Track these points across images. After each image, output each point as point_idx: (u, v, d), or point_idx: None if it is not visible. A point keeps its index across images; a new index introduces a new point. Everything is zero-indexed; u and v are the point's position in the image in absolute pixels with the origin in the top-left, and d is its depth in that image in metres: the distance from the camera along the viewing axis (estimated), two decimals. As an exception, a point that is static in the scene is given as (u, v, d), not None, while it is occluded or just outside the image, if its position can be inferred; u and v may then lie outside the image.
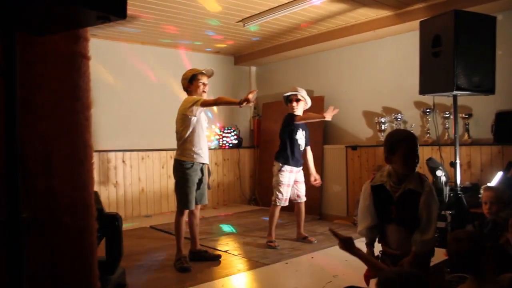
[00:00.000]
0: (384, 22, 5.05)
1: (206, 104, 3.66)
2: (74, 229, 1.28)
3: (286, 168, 4.34)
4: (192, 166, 3.68)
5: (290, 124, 4.38)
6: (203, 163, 3.76)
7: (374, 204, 2.43)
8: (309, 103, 4.50)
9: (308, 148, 4.58)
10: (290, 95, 4.45)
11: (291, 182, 4.38)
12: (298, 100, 4.42)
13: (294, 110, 4.41)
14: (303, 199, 4.50)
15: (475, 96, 3.87)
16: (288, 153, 4.38)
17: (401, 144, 2.33)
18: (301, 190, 4.49)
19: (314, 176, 4.58)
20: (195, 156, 3.68)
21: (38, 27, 1.09)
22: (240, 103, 3.61)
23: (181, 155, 3.72)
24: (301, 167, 4.50)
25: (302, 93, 4.44)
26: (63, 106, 1.33)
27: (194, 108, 3.62)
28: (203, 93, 3.78)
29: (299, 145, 4.41)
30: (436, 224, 2.26)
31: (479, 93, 3.67)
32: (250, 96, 3.59)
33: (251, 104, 3.62)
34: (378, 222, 2.42)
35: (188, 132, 3.68)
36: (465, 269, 1.92)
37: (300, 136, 4.43)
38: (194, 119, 3.66)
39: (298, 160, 4.41)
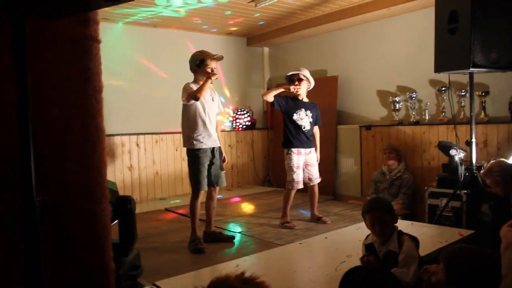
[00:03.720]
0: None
1: (192, 95, 3.63)
2: (88, 212, 1.29)
3: (293, 150, 4.32)
4: (199, 149, 3.69)
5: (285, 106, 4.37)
6: (209, 148, 3.77)
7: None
8: (312, 83, 4.44)
9: (316, 127, 4.53)
10: (292, 75, 4.40)
11: (301, 164, 4.35)
12: (300, 80, 4.36)
13: (297, 90, 4.37)
14: (316, 181, 4.48)
15: (492, 73, 3.79)
16: (288, 136, 4.35)
17: (365, 216, 2.50)
18: (313, 173, 4.45)
19: (317, 154, 4.53)
20: (195, 142, 3.69)
21: (46, 11, 1.09)
22: (210, 78, 3.66)
23: (185, 143, 3.79)
24: (312, 149, 4.45)
25: (304, 72, 4.37)
26: (74, 90, 1.33)
27: (184, 96, 3.66)
28: (214, 78, 3.74)
29: (300, 126, 4.34)
30: (414, 279, 2.26)
31: (497, 70, 3.59)
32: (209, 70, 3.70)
33: (217, 76, 3.67)
34: None
35: (185, 119, 3.74)
36: None
37: (302, 117, 4.36)
38: (189, 105, 3.68)
39: (303, 141, 4.36)
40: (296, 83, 4.36)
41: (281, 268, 3.12)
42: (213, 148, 3.80)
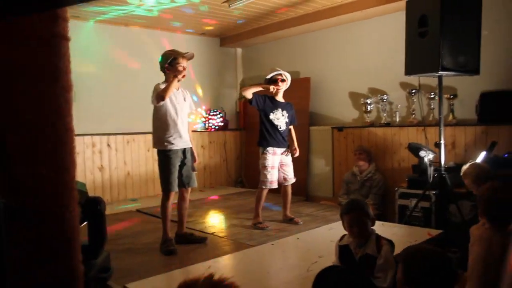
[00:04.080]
0: (371, 2, 5.01)
1: (158, 96, 3.59)
2: (56, 214, 1.26)
3: (268, 150, 4.32)
4: (170, 150, 3.66)
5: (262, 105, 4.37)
6: (180, 149, 3.73)
7: (340, 262, 2.54)
8: (289, 84, 4.46)
9: (291, 127, 4.52)
10: (276, 75, 4.41)
11: (276, 164, 4.36)
12: (283, 80, 4.38)
13: (278, 90, 4.38)
14: (291, 181, 4.48)
15: (460, 76, 3.89)
16: (265, 135, 4.35)
17: (344, 218, 2.51)
18: (288, 173, 4.47)
19: (295, 147, 4.50)
20: (165, 143, 3.65)
21: (13, 8, 1.05)
22: (176, 76, 3.63)
23: (155, 144, 3.75)
24: (287, 149, 4.47)
25: (286, 74, 4.39)
26: (44, 90, 1.30)
27: (153, 97, 3.62)
28: (182, 77, 3.70)
29: (277, 125, 4.34)
30: (390, 285, 2.32)
31: (464, 74, 3.69)
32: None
33: (184, 74, 3.65)
34: None
35: (156, 120, 3.70)
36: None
37: (278, 116, 4.36)
38: (160, 106, 3.63)
39: (279, 141, 4.36)
40: (280, 83, 4.37)
41: (253, 269, 3.12)
42: (184, 149, 3.76)
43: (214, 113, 6.98)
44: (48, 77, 1.28)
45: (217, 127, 6.97)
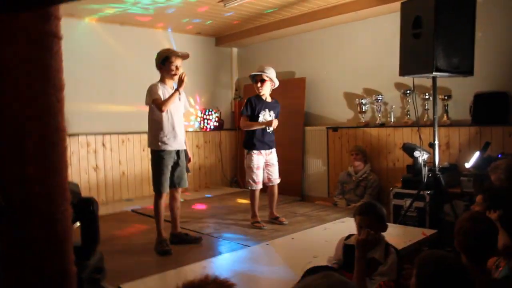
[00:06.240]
0: (366, 3, 5.02)
1: (157, 107, 3.59)
2: (48, 215, 1.25)
3: (253, 151, 4.31)
4: (164, 151, 3.65)
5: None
6: (174, 150, 3.72)
7: (344, 260, 2.54)
8: (276, 83, 4.39)
9: None
10: (255, 75, 4.37)
11: (261, 164, 4.34)
12: (263, 81, 4.32)
13: (260, 90, 4.34)
14: (276, 182, 4.45)
15: (454, 77, 3.90)
16: (252, 137, 4.30)
17: (355, 218, 2.50)
18: (273, 173, 4.43)
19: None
20: (159, 143, 3.65)
21: (3, 5, 1.05)
22: (178, 89, 3.62)
23: (150, 143, 3.74)
24: (272, 149, 4.42)
25: (268, 73, 4.31)
26: (35, 89, 1.28)
27: (148, 101, 3.63)
28: (174, 76, 3.69)
29: (265, 127, 4.31)
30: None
31: (458, 75, 3.70)
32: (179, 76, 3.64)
33: (185, 74, 3.63)
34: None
35: (151, 120, 3.69)
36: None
37: (266, 117, 4.32)
38: (154, 107, 3.63)
39: (264, 143, 4.32)
40: (259, 84, 4.33)
41: (248, 270, 3.11)
42: (178, 150, 3.75)
43: (209, 113, 6.97)
44: (40, 76, 1.27)
45: (212, 127, 6.96)
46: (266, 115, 4.33)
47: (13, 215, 1.18)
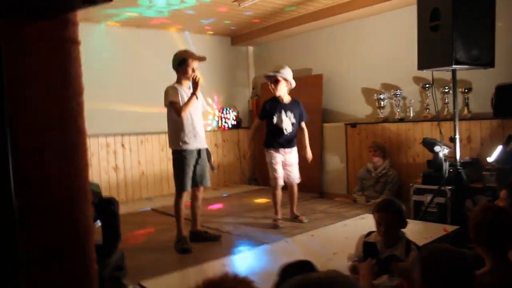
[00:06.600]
0: (381, -3, 4.97)
1: (176, 111, 3.62)
2: (70, 215, 1.28)
3: (270, 149, 4.33)
4: (185, 150, 3.68)
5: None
6: (195, 149, 3.74)
7: (364, 257, 2.50)
8: (292, 83, 4.32)
9: (303, 124, 4.42)
10: (268, 76, 4.34)
11: (279, 160, 4.33)
12: (277, 81, 4.27)
13: (275, 92, 4.30)
14: (295, 181, 4.42)
15: (475, 70, 3.83)
16: (268, 136, 4.34)
17: (374, 215, 2.47)
18: (292, 172, 4.40)
19: (307, 151, 4.43)
20: (181, 143, 3.67)
21: (21, 13, 1.07)
22: (195, 93, 3.64)
23: (171, 144, 3.78)
24: (292, 148, 4.39)
25: (282, 73, 4.25)
26: (54, 95, 1.31)
27: (166, 103, 3.67)
28: (190, 77, 3.70)
29: (281, 128, 4.26)
30: None
31: (478, 67, 3.64)
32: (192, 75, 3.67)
33: (199, 77, 3.65)
34: None
35: (171, 121, 3.72)
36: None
37: (282, 119, 4.27)
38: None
39: (283, 143, 4.31)
40: (272, 85, 4.31)
41: (268, 267, 3.12)
42: (200, 149, 3.78)
43: (227, 112, 7.00)
44: (60, 81, 1.29)
45: (230, 126, 6.99)
46: (282, 117, 4.27)
47: (35, 216, 1.21)
